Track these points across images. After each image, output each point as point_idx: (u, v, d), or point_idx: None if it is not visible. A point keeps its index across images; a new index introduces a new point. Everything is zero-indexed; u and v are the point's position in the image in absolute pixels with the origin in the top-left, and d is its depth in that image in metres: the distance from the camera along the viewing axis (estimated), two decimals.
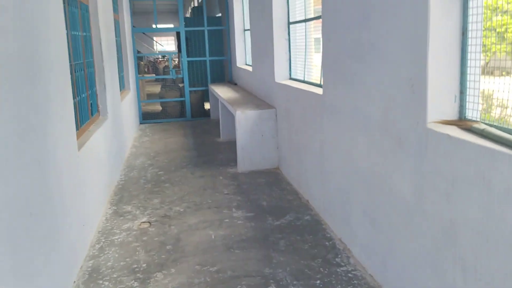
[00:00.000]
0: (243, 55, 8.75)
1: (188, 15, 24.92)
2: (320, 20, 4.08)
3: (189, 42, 9.65)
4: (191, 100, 9.41)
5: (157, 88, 13.62)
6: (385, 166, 2.67)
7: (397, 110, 2.49)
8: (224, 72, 9.86)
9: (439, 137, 2.11)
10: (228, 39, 9.36)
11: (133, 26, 9.01)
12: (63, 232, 2.87)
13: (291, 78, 5.45)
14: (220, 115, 7.32)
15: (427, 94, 2.20)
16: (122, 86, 7.47)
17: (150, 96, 12.90)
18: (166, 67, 21.40)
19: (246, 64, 8.60)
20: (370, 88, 2.84)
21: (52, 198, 2.68)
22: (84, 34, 4.53)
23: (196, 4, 21.05)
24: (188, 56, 9.68)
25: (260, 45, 6.26)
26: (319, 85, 4.34)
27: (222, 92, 7.63)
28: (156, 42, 33.60)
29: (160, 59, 25.44)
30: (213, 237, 3.67)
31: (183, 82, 9.40)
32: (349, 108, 3.20)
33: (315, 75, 4.77)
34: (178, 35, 9.35)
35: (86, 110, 4.38)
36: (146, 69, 26.47)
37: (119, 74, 7.04)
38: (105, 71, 5.04)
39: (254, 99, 6.52)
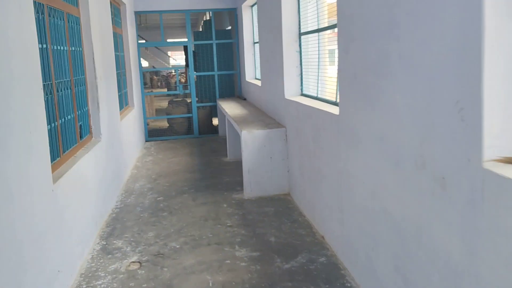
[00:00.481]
0: (252, 69, 8.28)
1: (200, 29, 24.77)
2: (335, 30, 3.57)
3: (197, 56, 9.25)
4: (199, 116, 8.97)
5: (166, 103, 13.28)
6: (422, 212, 2.09)
7: (438, 142, 1.93)
8: (233, 87, 9.42)
9: (501, 182, 1.54)
10: (237, 52, 8.93)
11: (143, 40, 8.65)
12: (28, 285, 2.36)
13: (302, 94, 4.92)
14: (227, 133, 6.83)
15: (483, 122, 1.64)
16: (125, 103, 7.06)
17: (159, 111, 12.54)
18: (179, 81, 21.25)
19: (256, 79, 8.13)
20: (400, 112, 2.28)
21: (15, 247, 2.18)
22: (73, 49, 4.10)
23: (207, 18, 20.84)
24: (196, 71, 9.28)
25: (269, 58, 5.77)
26: (334, 103, 3.80)
27: (230, 108, 7.14)
28: (170, 57, 33.71)
29: (173, 73, 25.22)
30: (210, 284, 3.11)
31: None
32: (373, 134, 2.65)
33: (330, 91, 4.24)
34: (186, 49, 8.96)
35: (73, 133, 3.92)
36: (159, 84, 26.36)
37: (121, 90, 6.63)
38: (99, 88, 4.60)
39: (263, 116, 6.01)
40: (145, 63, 28.38)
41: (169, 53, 33.69)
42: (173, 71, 25.43)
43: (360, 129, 2.86)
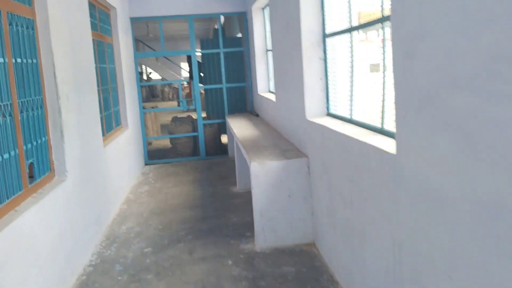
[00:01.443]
0: (265, 81, 7.17)
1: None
2: (382, 27, 2.44)
3: (203, 67, 8.20)
4: (205, 135, 7.88)
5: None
6: None
7: None
8: (244, 101, 8.33)
9: None
10: (248, 62, 7.84)
11: (144, 50, 7.65)
12: None
13: (329, 115, 3.77)
14: (236, 157, 5.70)
15: None
16: (116, 123, 6.03)
17: (165, 128, 11.49)
18: (188, 94, 20.23)
19: (270, 92, 7.01)
20: None
21: None
22: (21, 61, 3.05)
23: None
24: (202, 83, 8.23)
25: (284, 67, 4.64)
26: (383, 132, 2.63)
27: (239, 127, 6.03)
28: (183, 68, 32.88)
29: (185, 85, 24.32)
30: None
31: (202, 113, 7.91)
32: (464, 192, 1.47)
33: (370, 108, 3.09)
34: (189, 60, 7.95)
35: (16, 176, 2.85)
36: (170, 96, 25.51)
37: (109, 109, 5.60)
38: (64, 111, 3.54)
39: (279, 139, 4.87)
40: (156, 76, 27.69)
41: (182, 64, 32.98)
42: (185, 83, 24.35)
43: (443, 185, 1.68)
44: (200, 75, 7.86)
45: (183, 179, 6.53)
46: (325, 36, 3.72)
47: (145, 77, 28.03)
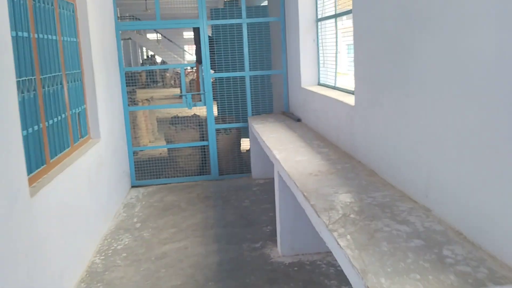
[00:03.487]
0: (314, 69, 4.72)
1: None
2: None
3: (216, 46, 5.73)
4: (219, 145, 5.47)
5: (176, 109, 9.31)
6: None
7: None
8: (275, 98, 5.89)
9: None
10: (283, 41, 5.36)
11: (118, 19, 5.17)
12: None
13: None
14: (278, 196, 3.32)
15: None
16: (78, 134, 3.62)
17: (164, 125, 8.95)
18: (193, 80, 17.52)
19: (322, 85, 4.58)
20: None
21: None
22: None
23: None
24: (214, 70, 5.78)
25: (387, 43, 2.24)
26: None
27: (278, 143, 3.63)
28: (187, 51, 30.08)
29: (188, 69, 21.54)
30: None
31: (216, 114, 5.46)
32: None
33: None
34: (197, 36, 5.49)
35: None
36: (173, 82, 22.91)
37: (61, 113, 3.20)
38: None
39: (357, 171, 2.48)
40: (158, 59, 25.21)
41: (186, 47, 30.34)
42: (189, 68, 21.13)
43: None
44: (211, 58, 5.40)
45: (186, 222, 4.14)
46: None
47: (145, 57, 25.51)
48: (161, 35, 25.42)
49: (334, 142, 3.59)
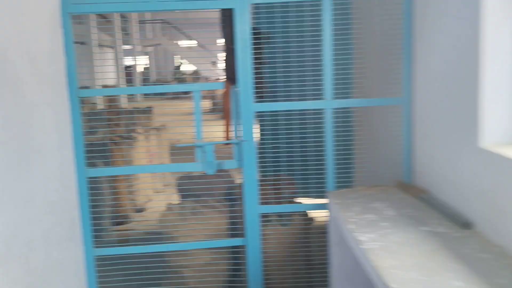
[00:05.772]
0: None
1: None
2: None
3: (266, 49, 2.95)
4: (266, 247, 2.70)
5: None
6: None
7: None
8: (379, 153, 3.04)
9: None
10: (407, 45, 2.52)
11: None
12: None
13: None
14: None
15: None
16: None
17: (180, 154, 5.74)
18: (223, 120, 13.84)
19: None
20: None
21: None
22: None
23: None
24: (259, 96, 2.98)
25: None
26: None
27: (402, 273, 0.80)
28: (216, 62, 26.94)
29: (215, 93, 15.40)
30: None
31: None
32: None
33: None
34: (226, 26, 2.73)
35: None
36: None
37: None
38: None
39: None
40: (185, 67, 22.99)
41: (219, 55, 27.88)
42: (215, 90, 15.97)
43: None
44: (257, 71, 2.66)
45: None
46: None
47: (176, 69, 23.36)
48: (195, 41, 22.86)
49: None
